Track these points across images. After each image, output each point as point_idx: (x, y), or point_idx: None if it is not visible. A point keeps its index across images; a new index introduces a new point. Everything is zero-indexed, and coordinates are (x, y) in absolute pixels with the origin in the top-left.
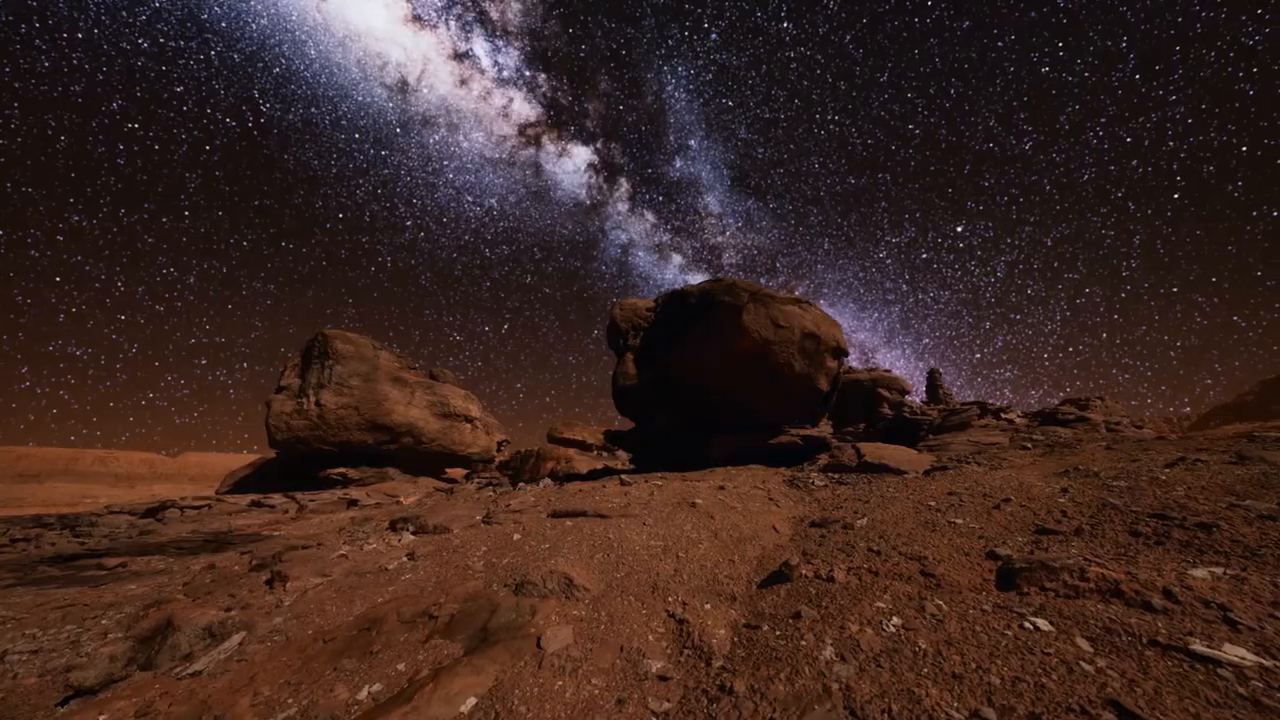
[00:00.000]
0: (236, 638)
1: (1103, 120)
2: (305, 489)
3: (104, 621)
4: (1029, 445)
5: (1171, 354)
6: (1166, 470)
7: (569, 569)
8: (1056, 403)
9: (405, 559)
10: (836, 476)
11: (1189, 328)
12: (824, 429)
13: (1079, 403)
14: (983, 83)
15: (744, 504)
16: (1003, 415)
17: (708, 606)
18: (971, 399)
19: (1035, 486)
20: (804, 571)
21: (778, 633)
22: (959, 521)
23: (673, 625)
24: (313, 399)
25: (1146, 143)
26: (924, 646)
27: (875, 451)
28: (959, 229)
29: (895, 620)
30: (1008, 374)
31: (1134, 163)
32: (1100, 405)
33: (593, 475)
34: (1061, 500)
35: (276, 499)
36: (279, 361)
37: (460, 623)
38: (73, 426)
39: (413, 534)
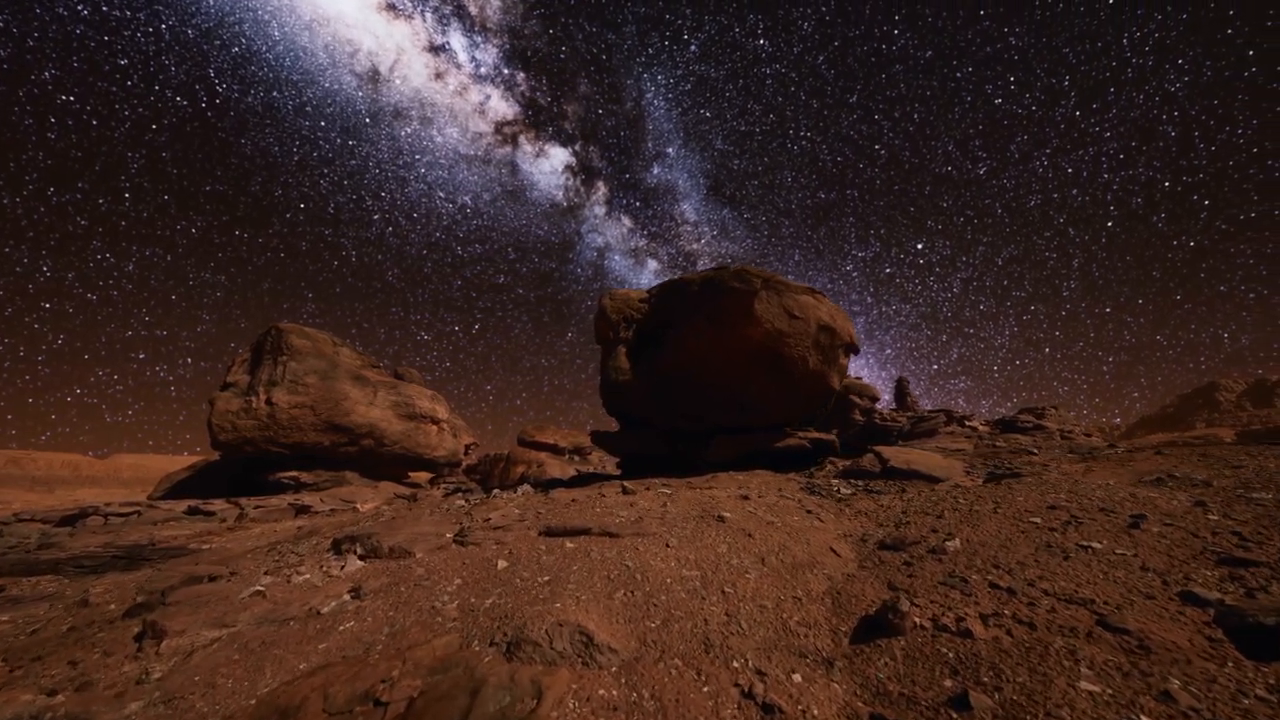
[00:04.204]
0: None
1: (1047, 151)
2: (252, 493)
3: None
4: (1034, 450)
5: (1104, 368)
6: None
7: (583, 617)
8: (1005, 412)
9: (348, 597)
10: (862, 484)
11: (1119, 344)
12: (812, 432)
13: (1035, 411)
14: (943, 110)
15: (780, 518)
16: (966, 423)
17: (796, 677)
18: (929, 407)
19: (1156, 499)
20: (917, 619)
21: None
22: (1097, 546)
23: (756, 714)
24: (263, 397)
25: (1084, 174)
26: None
27: (901, 456)
28: (919, 246)
29: None
30: (962, 384)
31: (1074, 191)
32: (1055, 414)
33: (581, 480)
34: (1212, 518)
35: (217, 505)
36: (228, 357)
37: (424, 714)
38: None
39: (361, 558)
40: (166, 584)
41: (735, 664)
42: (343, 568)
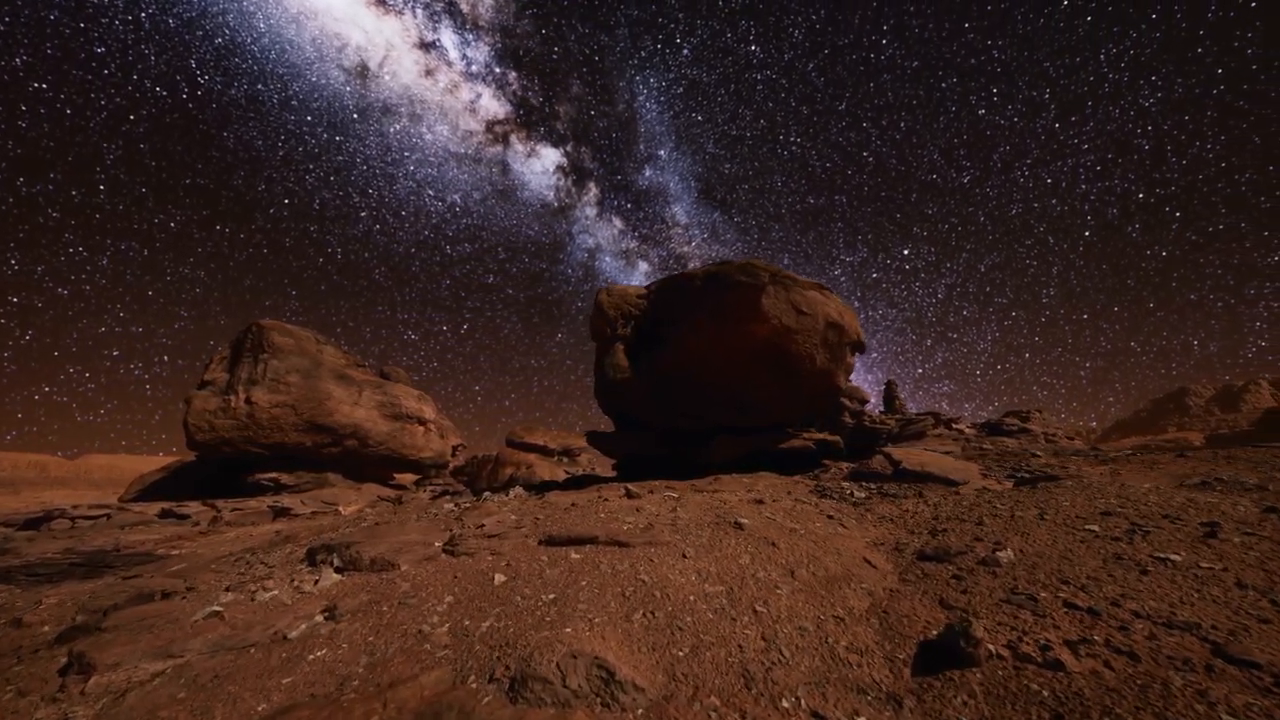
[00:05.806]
0: None
1: (1028, 161)
2: (231, 495)
3: None
4: (1038, 453)
5: (1081, 373)
6: None
7: (599, 645)
8: (988, 415)
9: (320, 618)
10: (875, 486)
11: (1096, 350)
12: (815, 433)
13: (1020, 415)
14: (929, 119)
15: (803, 525)
16: (953, 426)
17: None
18: (914, 410)
19: (1220, 505)
20: (992, 647)
21: None
22: (1175, 558)
23: None
24: (242, 396)
25: (1063, 184)
26: None
27: (914, 458)
28: (905, 252)
29: None
30: (946, 388)
31: (1053, 201)
32: (1039, 417)
33: (578, 483)
34: None
35: (192, 507)
36: (206, 355)
37: None
38: None
39: (338, 571)
40: (111, 602)
41: (785, 703)
42: (316, 582)
